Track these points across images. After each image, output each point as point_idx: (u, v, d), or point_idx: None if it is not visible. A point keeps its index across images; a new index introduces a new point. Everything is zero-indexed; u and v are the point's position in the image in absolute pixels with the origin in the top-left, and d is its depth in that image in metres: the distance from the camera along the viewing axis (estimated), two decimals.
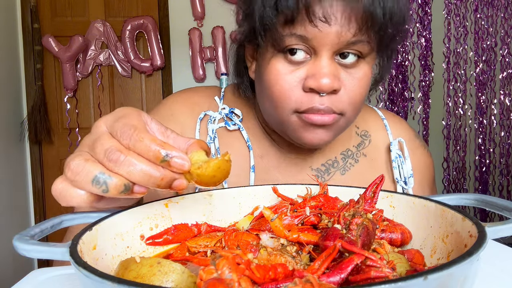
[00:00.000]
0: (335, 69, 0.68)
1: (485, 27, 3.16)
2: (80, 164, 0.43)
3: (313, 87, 0.67)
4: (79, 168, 0.43)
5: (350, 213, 0.47)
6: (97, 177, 0.42)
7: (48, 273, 0.53)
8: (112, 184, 0.42)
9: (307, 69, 0.69)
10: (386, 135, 0.91)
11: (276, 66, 0.70)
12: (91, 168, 0.42)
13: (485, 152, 3.27)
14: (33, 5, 3.10)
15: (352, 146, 0.89)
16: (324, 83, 0.66)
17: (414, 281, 0.29)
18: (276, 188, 0.60)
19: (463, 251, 0.37)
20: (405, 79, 3.17)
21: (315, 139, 0.73)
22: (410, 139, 0.92)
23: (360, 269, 0.35)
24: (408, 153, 0.87)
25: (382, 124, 0.93)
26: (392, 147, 0.87)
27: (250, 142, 0.85)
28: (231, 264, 0.32)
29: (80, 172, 0.43)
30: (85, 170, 0.42)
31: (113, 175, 0.42)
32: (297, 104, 0.70)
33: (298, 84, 0.69)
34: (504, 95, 3.24)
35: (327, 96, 0.69)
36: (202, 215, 0.59)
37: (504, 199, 0.47)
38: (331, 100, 0.69)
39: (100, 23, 3.19)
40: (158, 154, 0.42)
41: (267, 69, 0.72)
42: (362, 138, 0.90)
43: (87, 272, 0.33)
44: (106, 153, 0.43)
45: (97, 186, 0.42)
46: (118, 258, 0.48)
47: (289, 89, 0.69)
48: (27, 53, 3.14)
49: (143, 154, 0.43)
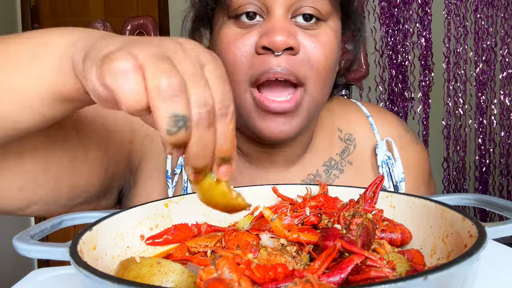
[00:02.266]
0: (290, 27, 0.64)
1: (485, 27, 3.16)
2: (181, 85, 0.33)
3: (265, 44, 0.62)
4: (176, 89, 0.33)
5: (350, 213, 0.47)
6: (181, 117, 0.33)
7: (48, 273, 0.53)
8: (186, 127, 0.34)
9: (259, 30, 0.64)
10: (372, 136, 0.83)
11: (227, 33, 0.66)
12: (181, 98, 0.33)
13: (485, 152, 3.27)
14: (33, 5, 3.10)
15: (336, 154, 0.81)
16: (277, 38, 0.61)
17: (414, 281, 0.29)
18: (276, 188, 0.60)
19: (463, 251, 0.37)
20: (405, 79, 3.17)
21: (276, 130, 0.66)
22: (400, 136, 0.84)
23: (360, 269, 0.35)
24: (398, 153, 0.80)
25: (367, 123, 0.84)
26: (379, 150, 0.80)
27: None
28: (231, 264, 0.32)
29: (178, 94, 0.33)
30: (181, 96, 0.33)
31: (188, 114, 0.34)
32: (251, 70, 0.64)
33: (251, 48, 0.64)
34: (504, 95, 3.24)
35: (285, 56, 0.63)
36: (202, 215, 0.59)
37: (504, 199, 0.47)
38: (289, 62, 0.63)
39: (100, 23, 3.19)
40: (228, 152, 0.37)
41: (218, 39, 0.68)
42: (346, 143, 0.82)
43: (87, 272, 0.33)
44: (200, 99, 0.34)
45: (173, 120, 0.33)
46: (118, 258, 0.48)
47: (241, 55, 0.64)
48: None
49: (220, 136, 0.36)
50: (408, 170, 0.81)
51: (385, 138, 0.82)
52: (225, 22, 0.67)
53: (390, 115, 0.89)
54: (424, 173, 0.87)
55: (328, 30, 0.67)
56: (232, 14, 0.66)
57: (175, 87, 0.33)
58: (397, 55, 3.15)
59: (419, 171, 0.85)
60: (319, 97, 0.68)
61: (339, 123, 0.84)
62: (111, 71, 0.34)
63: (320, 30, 0.66)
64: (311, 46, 0.65)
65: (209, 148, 0.35)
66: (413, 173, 0.83)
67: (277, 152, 0.75)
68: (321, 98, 0.70)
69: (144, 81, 0.34)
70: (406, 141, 0.85)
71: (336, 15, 0.70)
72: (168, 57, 0.35)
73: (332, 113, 0.84)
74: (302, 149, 0.78)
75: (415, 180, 0.84)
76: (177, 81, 0.33)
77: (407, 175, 0.81)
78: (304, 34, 0.65)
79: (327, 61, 0.66)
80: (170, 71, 0.34)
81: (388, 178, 0.79)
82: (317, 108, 0.71)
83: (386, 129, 0.84)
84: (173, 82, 0.33)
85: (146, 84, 0.34)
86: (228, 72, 0.65)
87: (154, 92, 0.33)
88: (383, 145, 0.81)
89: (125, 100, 0.34)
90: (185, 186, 0.74)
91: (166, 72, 0.34)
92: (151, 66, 0.34)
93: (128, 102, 0.34)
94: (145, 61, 0.34)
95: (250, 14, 0.65)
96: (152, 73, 0.34)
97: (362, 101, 0.90)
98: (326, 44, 0.66)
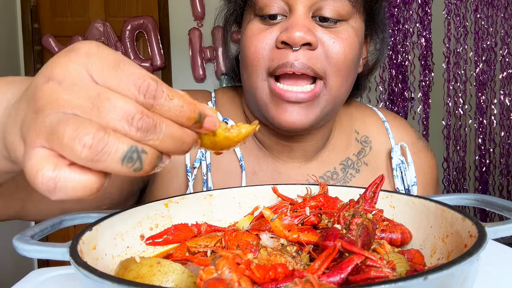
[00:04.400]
0: (310, 23, 0.67)
1: (485, 27, 3.16)
2: (101, 139, 0.30)
3: (284, 39, 0.66)
4: (101, 144, 0.30)
5: (350, 213, 0.47)
6: (129, 152, 0.31)
7: (48, 273, 0.53)
8: (147, 159, 0.32)
9: (281, 26, 0.68)
10: (387, 140, 0.86)
11: (252, 27, 0.70)
12: (119, 141, 0.31)
13: (485, 152, 3.27)
14: (33, 5, 3.10)
15: (352, 155, 0.84)
16: (295, 34, 0.64)
17: (414, 281, 0.29)
18: (276, 188, 0.60)
19: (463, 251, 0.37)
20: (405, 79, 3.16)
21: (290, 119, 0.68)
22: (413, 142, 0.88)
23: (360, 269, 0.35)
24: (411, 158, 0.83)
25: (383, 128, 0.88)
26: (394, 154, 0.83)
27: (243, 160, 0.78)
28: (231, 264, 0.32)
29: (105, 149, 0.30)
30: (111, 145, 0.31)
31: (145, 148, 0.32)
32: (269, 62, 0.68)
33: (271, 42, 0.68)
34: (504, 95, 3.24)
35: (302, 51, 0.66)
36: (202, 215, 0.59)
37: (504, 199, 0.47)
38: (307, 56, 0.66)
39: (100, 23, 3.19)
40: (193, 114, 0.34)
41: (243, 34, 0.73)
42: (363, 145, 0.85)
43: (87, 272, 0.33)
44: (128, 118, 0.31)
45: (129, 165, 0.32)
46: (118, 258, 0.48)
47: (262, 47, 0.68)
48: (27, 53, 3.14)
49: (173, 115, 0.33)
50: (418, 175, 0.85)
51: (399, 143, 0.85)
52: (252, 19, 0.71)
53: (405, 122, 0.92)
54: (433, 179, 0.90)
55: (348, 29, 0.69)
56: (258, 13, 0.70)
57: (94, 140, 0.30)
58: (397, 55, 3.14)
59: (429, 177, 0.88)
60: (338, 92, 0.71)
61: (356, 125, 0.87)
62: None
63: (340, 28, 0.69)
64: (329, 42, 0.67)
65: (178, 134, 0.34)
66: (423, 178, 0.86)
67: (296, 146, 0.78)
68: (340, 94, 0.72)
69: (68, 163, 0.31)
70: (418, 147, 0.88)
71: (358, 16, 0.72)
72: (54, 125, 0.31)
73: (350, 115, 0.88)
74: (320, 146, 0.81)
75: (424, 185, 0.87)
76: (91, 133, 0.30)
77: (417, 179, 0.84)
78: (323, 30, 0.68)
79: (346, 57, 0.68)
80: (74, 139, 0.30)
81: (401, 182, 0.82)
82: (336, 103, 0.73)
83: (401, 135, 0.88)
84: (87, 140, 0.30)
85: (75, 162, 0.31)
86: (247, 62, 0.70)
87: (91, 162, 0.31)
88: (398, 150, 0.83)
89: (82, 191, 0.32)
90: (204, 179, 0.76)
91: (73, 142, 0.30)
92: (59, 147, 0.30)
93: (86, 190, 0.32)
94: (53, 144, 0.31)
95: (274, 14, 0.69)
96: (67, 153, 0.31)
97: (378, 107, 0.94)
98: (346, 40, 0.68)
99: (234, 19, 0.80)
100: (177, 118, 0.34)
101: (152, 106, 0.33)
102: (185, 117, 0.34)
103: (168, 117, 0.33)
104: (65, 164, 0.31)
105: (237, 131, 0.38)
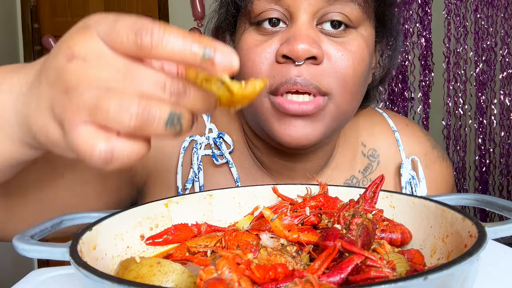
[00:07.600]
0: (314, 34, 0.59)
1: (485, 27, 3.16)
2: (145, 107, 0.31)
3: (285, 52, 0.57)
4: (145, 112, 0.31)
5: (350, 213, 0.47)
6: (171, 116, 0.32)
7: (48, 273, 0.53)
8: (185, 121, 0.33)
9: (281, 37, 0.60)
10: (397, 153, 0.78)
11: (247, 39, 0.62)
12: (159, 108, 0.31)
13: (485, 152, 3.27)
14: (33, 5, 3.10)
15: (358, 172, 0.76)
16: (298, 46, 0.56)
17: (414, 281, 0.29)
18: (276, 188, 0.60)
19: (463, 251, 0.37)
20: (405, 79, 3.16)
21: (295, 134, 0.60)
22: (426, 153, 0.80)
23: (360, 269, 0.35)
24: (423, 173, 0.75)
25: (393, 139, 0.79)
26: (403, 170, 0.75)
27: (239, 182, 0.72)
28: (231, 264, 0.32)
29: (150, 116, 0.31)
30: (155, 112, 0.31)
31: (182, 110, 0.33)
32: (270, 80, 0.60)
33: (271, 56, 0.60)
34: (504, 95, 3.24)
35: (306, 66, 0.58)
36: (202, 215, 0.59)
37: (504, 199, 0.47)
38: (311, 72, 0.58)
39: None
40: (202, 51, 0.32)
41: (238, 46, 0.64)
42: (370, 159, 0.77)
43: (87, 272, 0.33)
44: (161, 85, 0.32)
45: (172, 128, 0.32)
46: (118, 258, 0.48)
47: (260, 62, 0.60)
48: (27, 53, 3.14)
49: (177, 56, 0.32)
50: (430, 189, 0.78)
51: (410, 156, 0.77)
52: (247, 29, 0.63)
53: (418, 130, 0.83)
54: (447, 190, 0.83)
55: (358, 38, 0.61)
56: (253, 21, 0.62)
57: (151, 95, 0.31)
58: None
59: (443, 189, 0.82)
60: (345, 109, 0.63)
61: (363, 137, 0.79)
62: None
63: (348, 38, 0.61)
64: (337, 55, 0.60)
65: (204, 93, 0.33)
66: (435, 191, 0.80)
67: (297, 166, 0.72)
68: (348, 110, 0.65)
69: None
70: (432, 158, 0.81)
71: (369, 23, 0.65)
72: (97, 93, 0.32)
73: (356, 125, 0.80)
74: (322, 165, 0.74)
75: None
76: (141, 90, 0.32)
77: (429, 192, 0.77)
78: (330, 41, 0.60)
79: (355, 72, 0.61)
80: (121, 103, 0.31)
81: None
82: (343, 119, 0.66)
83: (412, 146, 0.80)
84: (133, 110, 0.31)
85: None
86: (245, 78, 0.64)
87: (139, 130, 0.31)
88: (408, 165, 0.76)
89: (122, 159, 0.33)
90: None
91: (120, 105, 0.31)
92: (103, 118, 0.31)
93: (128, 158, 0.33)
94: (90, 114, 0.31)
95: (273, 21, 0.61)
96: (112, 122, 0.31)
97: (389, 112, 0.84)
98: (355, 53, 0.61)
99: (226, 27, 0.71)
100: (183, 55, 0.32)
101: (170, 55, 0.32)
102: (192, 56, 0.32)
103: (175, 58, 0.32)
104: (115, 135, 0.32)
105: (252, 87, 0.36)
